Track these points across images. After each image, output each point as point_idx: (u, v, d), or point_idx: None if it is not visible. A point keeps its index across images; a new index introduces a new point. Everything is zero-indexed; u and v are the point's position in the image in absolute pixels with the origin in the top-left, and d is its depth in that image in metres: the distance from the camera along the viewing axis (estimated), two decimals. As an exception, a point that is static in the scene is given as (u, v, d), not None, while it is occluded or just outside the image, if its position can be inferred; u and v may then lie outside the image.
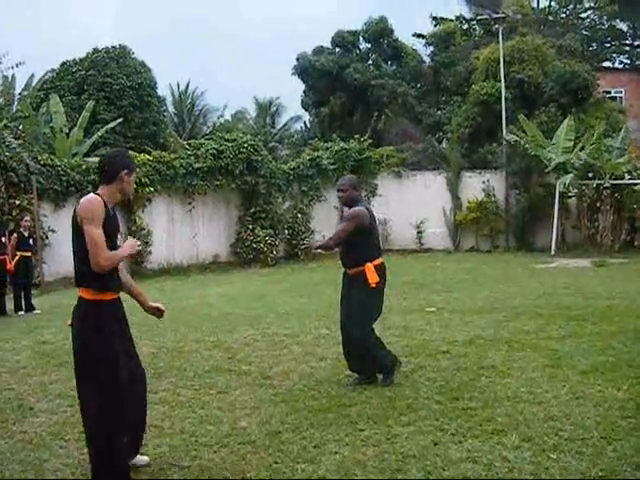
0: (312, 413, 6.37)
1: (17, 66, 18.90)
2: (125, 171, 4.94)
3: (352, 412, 6.36)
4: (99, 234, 4.68)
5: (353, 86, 34.35)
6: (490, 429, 5.78)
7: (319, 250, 8.07)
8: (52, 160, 19.28)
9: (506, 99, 26.28)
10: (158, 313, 5.44)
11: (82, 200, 4.87)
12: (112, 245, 4.86)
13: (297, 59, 36.53)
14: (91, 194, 4.93)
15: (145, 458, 5.27)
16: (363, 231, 7.23)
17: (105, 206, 4.82)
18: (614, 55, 44.93)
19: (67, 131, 22.28)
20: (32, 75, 28.45)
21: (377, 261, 7.31)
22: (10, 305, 14.08)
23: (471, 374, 7.59)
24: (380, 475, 4.91)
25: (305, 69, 36.08)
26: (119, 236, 5.13)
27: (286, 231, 23.70)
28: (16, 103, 24.70)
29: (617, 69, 40.74)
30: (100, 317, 4.78)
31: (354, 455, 5.32)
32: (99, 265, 4.68)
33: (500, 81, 26.70)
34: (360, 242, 7.25)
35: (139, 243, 5.18)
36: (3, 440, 5.84)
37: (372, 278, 7.13)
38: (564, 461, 5.06)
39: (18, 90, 27.23)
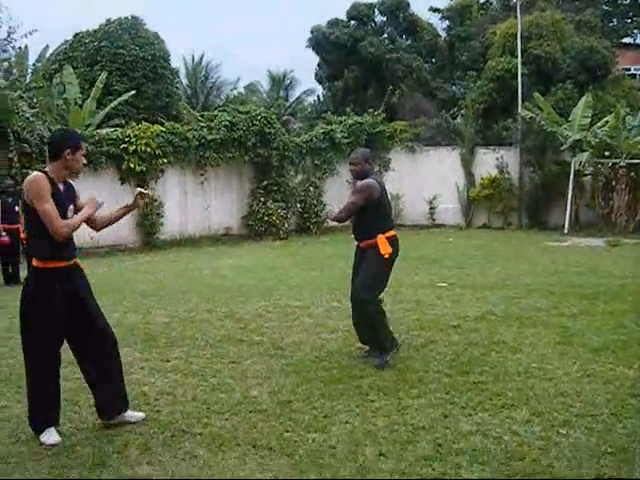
0: (323, 384, 6.42)
1: (30, 34, 18.81)
2: (68, 150, 5.16)
3: (363, 383, 6.40)
4: (49, 206, 5.00)
5: (368, 60, 34.09)
6: (500, 403, 5.81)
7: (332, 221, 8.06)
8: (66, 131, 19.26)
9: (522, 75, 26.04)
10: (141, 198, 5.63)
11: (26, 180, 5.16)
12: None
13: (311, 32, 36.27)
14: (34, 172, 5.23)
15: (140, 414, 5.59)
16: (373, 203, 7.18)
17: (52, 183, 5.12)
18: (635, 31, 44.24)
19: (80, 102, 22.25)
20: (47, 46, 28.35)
21: (389, 233, 7.25)
22: (23, 273, 14.14)
23: (482, 349, 7.62)
24: (391, 446, 4.94)
25: (319, 42, 35.81)
26: (71, 209, 5.30)
27: (298, 204, 23.63)
28: (30, 74, 24.63)
29: (638, 45, 40.16)
30: (40, 284, 5.16)
31: (364, 425, 5.36)
32: (58, 233, 5.03)
33: (517, 57, 26.47)
34: (371, 214, 7.20)
35: (100, 200, 5.41)
36: (20, 404, 5.90)
37: (384, 249, 7.06)
38: (574, 437, 5.09)
39: (32, 61, 27.15)
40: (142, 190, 5.63)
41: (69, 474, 4.59)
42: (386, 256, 7.07)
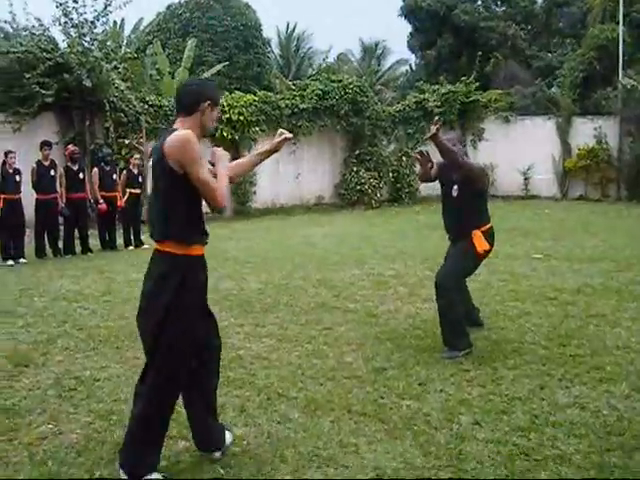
0: (417, 352, 6.41)
1: (125, 5, 19.14)
2: (208, 102, 4.09)
3: (457, 353, 6.36)
4: (208, 172, 3.99)
5: (461, 28, 33.58)
6: (598, 377, 5.68)
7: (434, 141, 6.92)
8: (159, 100, 19.74)
9: (625, 42, 25.11)
10: (286, 139, 4.77)
11: (172, 138, 3.92)
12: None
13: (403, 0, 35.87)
14: (180, 130, 3.98)
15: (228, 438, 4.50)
16: (479, 193, 6.57)
17: None
18: None
19: (172, 72, 22.64)
20: (141, 18, 28.93)
21: (487, 226, 6.57)
22: (120, 240, 14.53)
23: (579, 322, 7.46)
24: (485, 415, 4.90)
25: (412, 10, 35.42)
26: None
27: (390, 174, 23.60)
28: (124, 46, 25.18)
29: None
30: (186, 278, 4.00)
31: (459, 394, 5.33)
32: (220, 205, 3.98)
33: (618, 23, 25.54)
34: (471, 204, 6.48)
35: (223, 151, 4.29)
36: (118, 365, 6.11)
37: (480, 245, 6.40)
38: (677, 413, 4.94)
39: (127, 33, 27.74)
40: (288, 134, 4.78)
41: (168, 433, 4.68)
42: (482, 253, 6.48)
